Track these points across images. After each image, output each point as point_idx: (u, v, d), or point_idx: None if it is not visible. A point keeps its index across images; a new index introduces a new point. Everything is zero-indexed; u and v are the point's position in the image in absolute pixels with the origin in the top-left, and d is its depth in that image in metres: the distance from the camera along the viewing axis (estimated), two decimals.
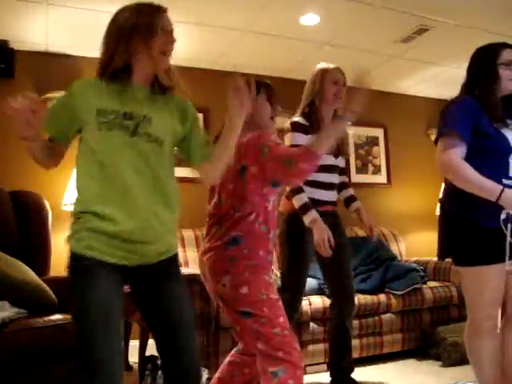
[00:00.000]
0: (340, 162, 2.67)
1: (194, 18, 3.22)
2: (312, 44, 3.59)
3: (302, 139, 2.42)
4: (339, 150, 2.60)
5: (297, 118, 2.52)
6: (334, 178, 2.63)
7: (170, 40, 1.54)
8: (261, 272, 1.86)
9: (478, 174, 1.81)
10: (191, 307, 1.57)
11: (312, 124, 2.49)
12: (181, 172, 1.91)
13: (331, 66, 2.60)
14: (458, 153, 1.85)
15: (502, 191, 1.76)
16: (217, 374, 2.04)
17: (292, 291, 2.47)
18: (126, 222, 1.41)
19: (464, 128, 1.86)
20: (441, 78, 4.36)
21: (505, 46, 1.98)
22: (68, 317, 2.04)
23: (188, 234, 3.54)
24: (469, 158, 1.85)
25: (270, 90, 2.01)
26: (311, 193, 2.50)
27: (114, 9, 1.45)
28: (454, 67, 4.06)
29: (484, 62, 1.96)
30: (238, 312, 1.82)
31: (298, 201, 2.40)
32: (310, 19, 3.28)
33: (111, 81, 1.50)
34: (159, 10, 1.53)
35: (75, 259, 1.42)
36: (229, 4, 3.05)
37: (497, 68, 1.92)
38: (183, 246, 3.48)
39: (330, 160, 2.55)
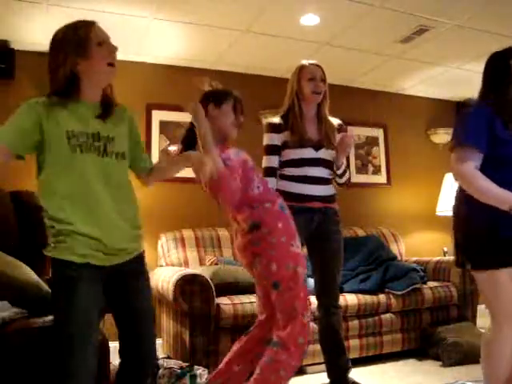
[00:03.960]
0: (324, 155, 2.55)
1: (194, 18, 3.22)
2: (312, 44, 3.59)
3: (275, 138, 2.54)
4: (320, 143, 2.54)
5: (271, 119, 2.62)
6: (321, 172, 2.53)
7: (109, 50, 1.61)
8: (284, 245, 2.02)
9: (491, 183, 1.82)
10: (151, 300, 1.75)
11: (289, 122, 2.52)
12: (180, 172, 1.92)
13: (309, 62, 2.60)
14: (472, 164, 1.86)
15: None
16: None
17: None
18: (99, 234, 1.54)
19: (479, 138, 1.87)
20: (441, 78, 4.36)
21: None
22: None
23: (188, 233, 3.54)
24: (484, 167, 1.86)
25: (237, 101, 2.14)
26: (292, 187, 2.49)
27: (113, 9, 1.46)
28: (454, 67, 4.07)
29: (496, 66, 1.99)
30: (271, 285, 2.01)
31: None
32: (309, 19, 3.28)
33: (63, 101, 1.56)
34: (87, 27, 1.59)
35: (60, 266, 1.54)
36: (229, 4, 3.05)
37: (509, 71, 1.94)
38: (183, 245, 3.48)
39: (310, 153, 2.51)
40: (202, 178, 1.94)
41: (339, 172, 2.63)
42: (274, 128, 2.56)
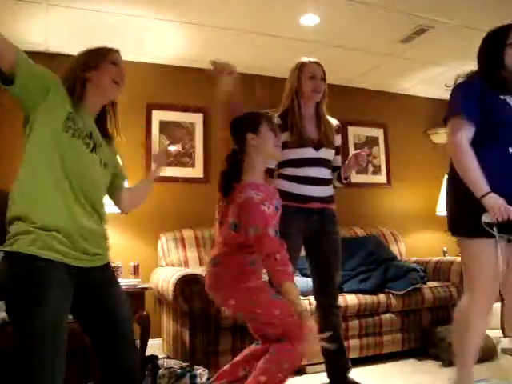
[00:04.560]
0: (325, 154, 2.54)
1: (194, 18, 3.22)
2: (312, 44, 3.59)
3: None
4: (320, 142, 2.52)
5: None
6: (321, 173, 2.52)
7: (120, 71, 1.70)
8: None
9: (476, 167, 1.83)
10: (128, 305, 1.70)
11: (287, 122, 2.49)
12: (180, 172, 1.92)
13: (309, 59, 2.58)
14: (464, 136, 1.87)
15: (486, 194, 1.80)
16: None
17: None
18: (72, 230, 1.51)
19: (471, 108, 1.88)
20: (441, 78, 4.35)
21: None
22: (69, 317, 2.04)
23: (188, 233, 3.54)
24: (477, 135, 1.88)
25: (269, 119, 2.06)
26: (292, 187, 2.47)
27: (113, 9, 1.47)
28: (454, 67, 4.06)
29: (493, 43, 2.01)
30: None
31: None
32: (309, 19, 3.28)
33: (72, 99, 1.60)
34: (110, 49, 1.72)
35: (28, 261, 1.42)
36: (229, 4, 3.05)
37: (504, 48, 1.96)
38: (183, 246, 3.48)
39: (310, 153, 2.49)
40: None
41: (345, 182, 2.65)
42: None
